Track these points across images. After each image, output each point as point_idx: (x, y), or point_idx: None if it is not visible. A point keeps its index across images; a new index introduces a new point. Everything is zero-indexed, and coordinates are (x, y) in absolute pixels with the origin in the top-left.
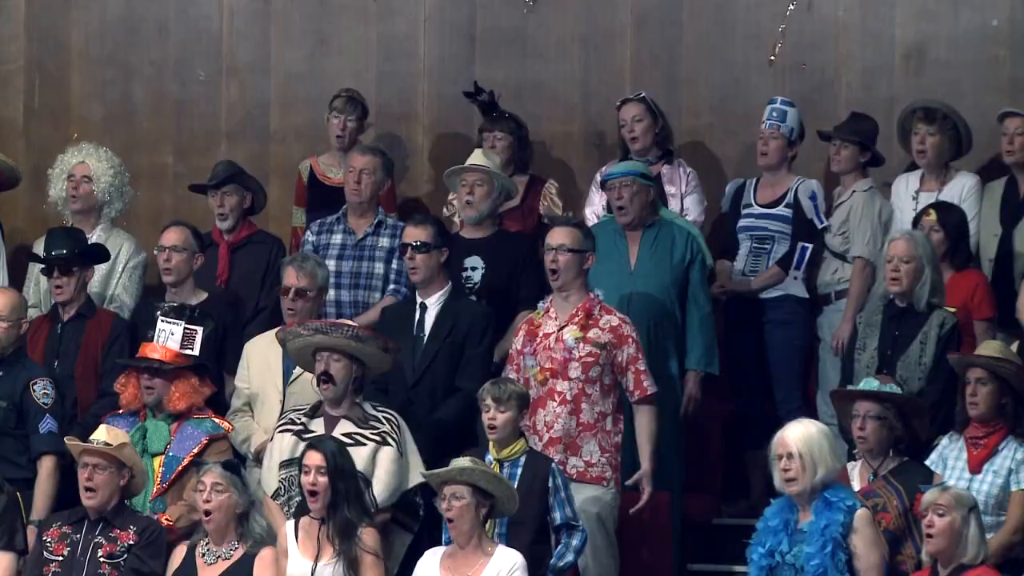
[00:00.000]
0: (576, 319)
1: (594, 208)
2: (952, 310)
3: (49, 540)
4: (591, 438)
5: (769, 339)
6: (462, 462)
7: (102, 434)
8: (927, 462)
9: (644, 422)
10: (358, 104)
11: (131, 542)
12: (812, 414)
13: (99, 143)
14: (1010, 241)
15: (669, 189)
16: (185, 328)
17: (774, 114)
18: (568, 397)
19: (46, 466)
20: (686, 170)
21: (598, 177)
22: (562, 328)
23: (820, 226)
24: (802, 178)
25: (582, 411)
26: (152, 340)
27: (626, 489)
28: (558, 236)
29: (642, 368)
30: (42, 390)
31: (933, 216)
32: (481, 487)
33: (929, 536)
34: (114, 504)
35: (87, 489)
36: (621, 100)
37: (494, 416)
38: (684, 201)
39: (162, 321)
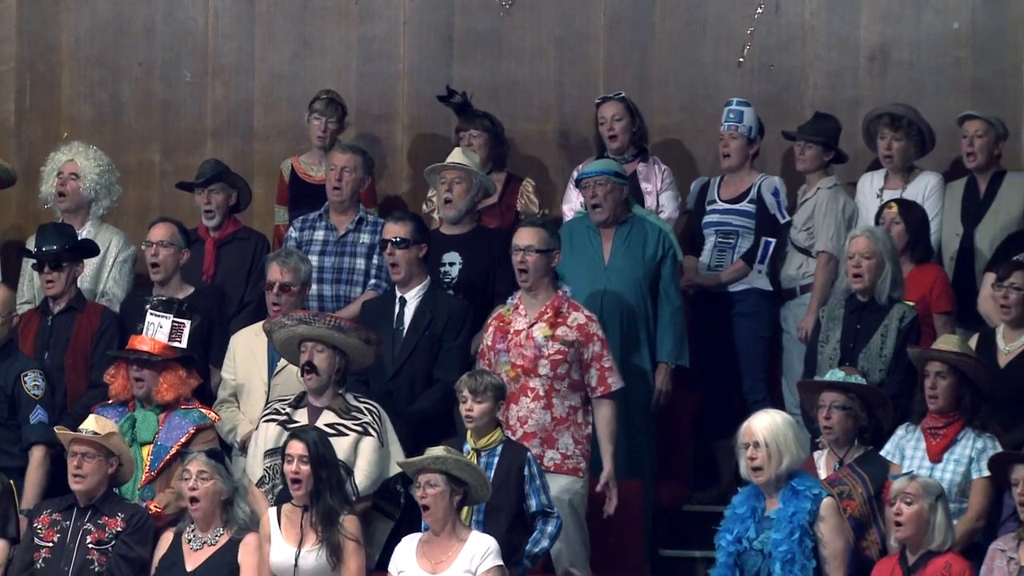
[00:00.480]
0: (545, 316)
1: (572, 205)
2: (911, 304)
3: (39, 527)
4: (565, 431)
5: (735, 331)
6: (436, 451)
7: (91, 423)
8: (883, 452)
9: (607, 417)
10: (338, 106)
11: (119, 529)
12: (777, 404)
13: (88, 142)
14: (971, 239)
15: (645, 186)
16: (173, 321)
17: (731, 115)
18: (540, 393)
19: (36, 455)
20: (661, 168)
21: (575, 175)
22: (532, 325)
23: (783, 221)
24: (765, 175)
25: (554, 406)
26: (141, 333)
27: (596, 476)
28: (525, 237)
29: (607, 365)
30: (33, 381)
31: (895, 210)
32: (455, 475)
33: (898, 524)
34: (102, 492)
35: (76, 477)
36: (601, 98)
37: (471, 407)
38: (659, 198)
39: (151, 314)
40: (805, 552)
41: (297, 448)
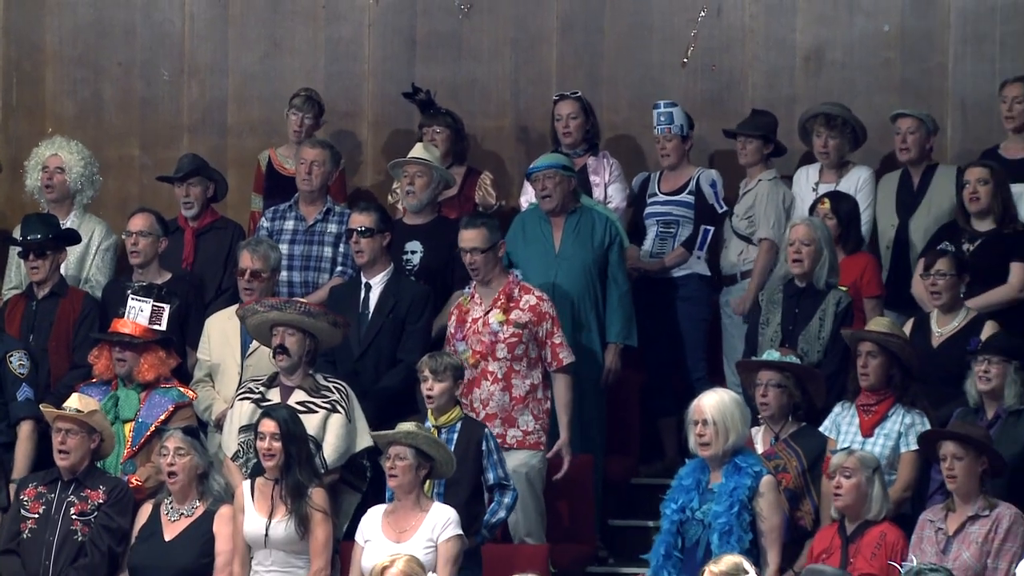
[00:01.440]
0: (499, 303)
1: (528, 197)
2: (845, 289)
3: (26, 499)
4: (525, 409)
5: (676, 314)
6: (408, 426)
7: (74, 402)
8: (821, 428)
9: (560, 390)
10: (315, 103)
11: (101, 501)
12: (718, 383)
13: (71, 137)
14: (906, 230)
15: (594, 179)
16: (154, 305)
17: (662, 118)
18: (499, 376)
19: (24, 430)
20: (610, 161)
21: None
22: (487, 313)
23: (720, 211)
24: (702, 168)
25: (514, 386)
26: (123, 316)
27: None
28: (468, 239)
29: (558, 341)
30: (18, 361)
31: (827, 204)
32: (423, 450)
33: (837, 495)
34: (85, 466)
35: (61, 452)
36: (559, 94)
37: (432, 386)
38: (608, 189)
39: (132, 299)
40: (743, 525)
41: (269, 426)
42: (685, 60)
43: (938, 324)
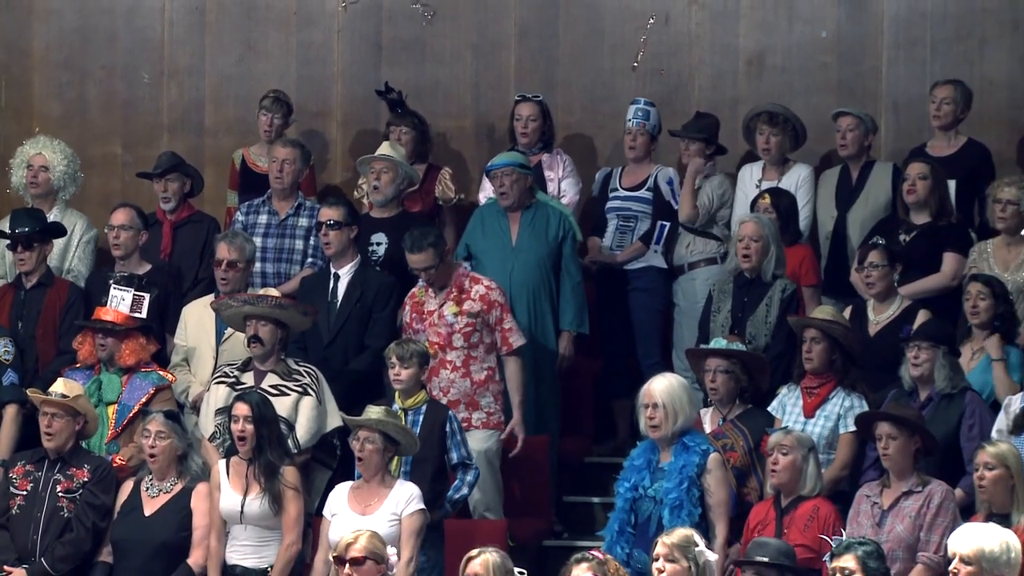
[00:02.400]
0: (452, 295)
1: (487, 192)
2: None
3: (14, 477)
4: (486, 392)
5: (632, 304)
6: (377, 412)
7: (59, 387)
8: (769, 408)
9: (511, 372)
10: (283, 103)
11: (85, 479)
12: (669, 369)
13: (58, 136)
14: (844, 221)
15: (548, 174)
16: (134, 295)
17: (640, 113)
18: (458, 364)
19: (9, 413)
20: (563, 158)
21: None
22: (442, 306)
23: (676, 207)
24: (661, 166)
25: (472, 372)
26: (105, 305)
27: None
28: (419, 261)
29: (508, 326)
30: (3, 348)
31: (768, 200)
32: (390, 435)
33: (774, 471)
34: (70, 446)
35: (47, 434)
36: (521, 96)
37: (399, 372)
38: (561, 184)
39: (114, 288)
40: (692, 500)
41: (242, 409)
42: (635, 64)
43: (874, 313)
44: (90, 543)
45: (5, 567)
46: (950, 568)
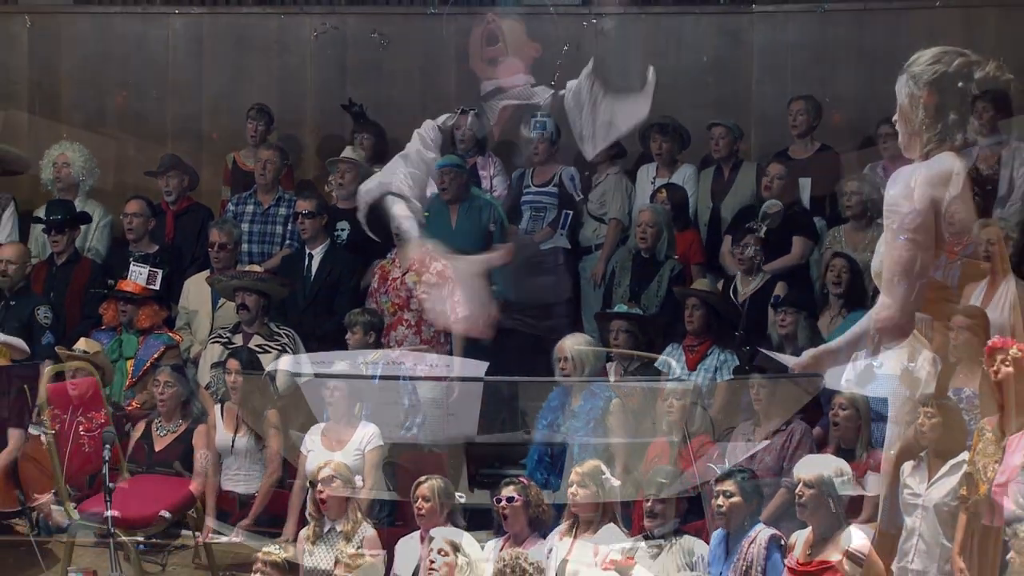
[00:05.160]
0: (414, 267)
1: (432, 188)
2: (677, 259)
3: (45, 419)
4: (431, 349)
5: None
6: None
7: (82, 345)
8: (656, 364)
9: (457, 338)
10: (266, 113)
11: (102, 421)
12: (579, 330)
13: (79, 141)
14: (718, 211)
15: (482, 173)
16: (150, 270)
17: (538, 125)
18: (412, 323)
19: (46, 369)
20: (494, 159)
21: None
22: (404, 274)
23: (577, 199)
24: (564, 165)
25: (422, 332)
26: (126, 278)
27: None
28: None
29: (457, 298)
30: (44, 314)
31: (664, 193)
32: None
33: (670, 413)
34: (91, 393)
35: (72, 384)
36: (461, 109)
37: (353, 334)
38: (492, 181)
39: (134, 264)
40: (597, 436)
41: (234, 364)
42: (553, 83)
43: (742, 285)
44: None
45: (35, 493)
46: (796, 491)
